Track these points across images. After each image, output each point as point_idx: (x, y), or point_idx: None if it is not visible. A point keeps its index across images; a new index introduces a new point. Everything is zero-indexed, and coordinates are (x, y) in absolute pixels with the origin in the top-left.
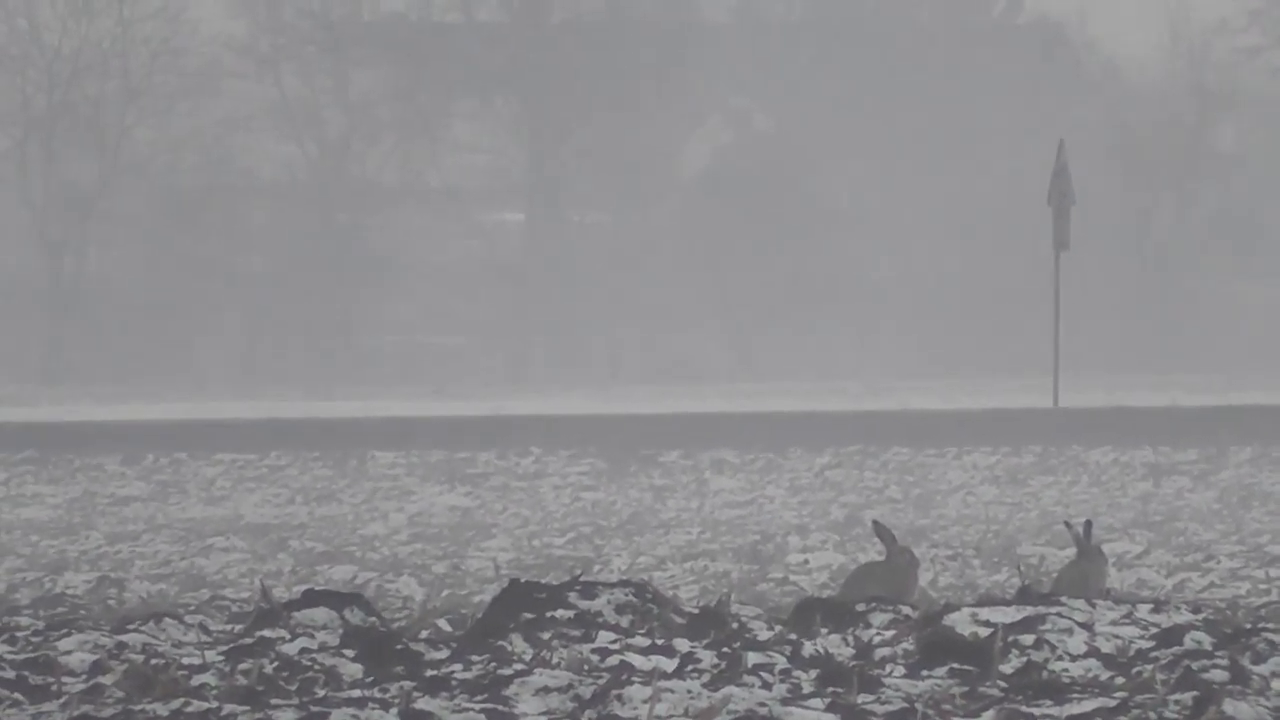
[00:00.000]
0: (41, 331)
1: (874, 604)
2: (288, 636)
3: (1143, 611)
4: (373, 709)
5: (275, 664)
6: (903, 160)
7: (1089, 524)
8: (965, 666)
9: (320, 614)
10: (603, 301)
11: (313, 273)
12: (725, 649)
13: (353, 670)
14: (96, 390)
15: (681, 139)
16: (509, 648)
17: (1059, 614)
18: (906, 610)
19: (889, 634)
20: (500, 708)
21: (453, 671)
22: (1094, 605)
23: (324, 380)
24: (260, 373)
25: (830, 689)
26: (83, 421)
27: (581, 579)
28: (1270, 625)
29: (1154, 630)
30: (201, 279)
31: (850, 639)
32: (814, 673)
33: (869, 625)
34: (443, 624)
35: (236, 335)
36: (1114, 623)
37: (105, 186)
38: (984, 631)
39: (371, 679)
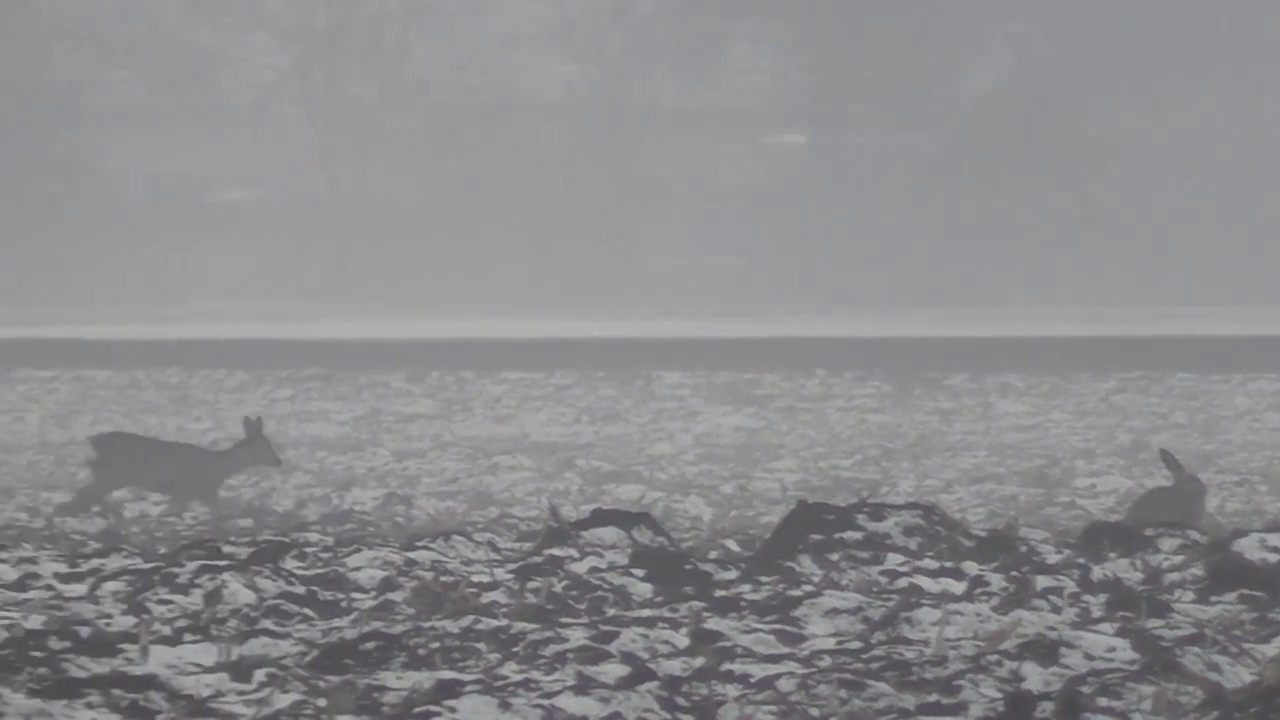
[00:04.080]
0: (323, 249)
1: (1162, 529)
2: (577, 555)
3: None
4: (662, 628)
5: (565, 583)
6: (1184, 84)
7: None
8: (1255, 592)
9: (609, 533)
10: (884, 223)
11: (595, 192)
12: (1014, 573)
13: (642, 590)
14: (380, 307)
15: (962, 64)
16: (797, 569)
17: None
18: (1195, 536)
19: (1178, 559)
20: (789, 629)
21: (742, 592)
22: None
23: (608, 300)
24: (546, 292)
25: (1119, 613)
26: (368, 339)
27: (869, 501)
28: None
29: None
30: (484, 197)
31: (1139, 564)
32: (1103, 597)
33: (1157, 550)
34: (731, 545)
35: (524, 254)
36: None
37: (385, 105)
38: (1273, 557)
39: (661, 599)
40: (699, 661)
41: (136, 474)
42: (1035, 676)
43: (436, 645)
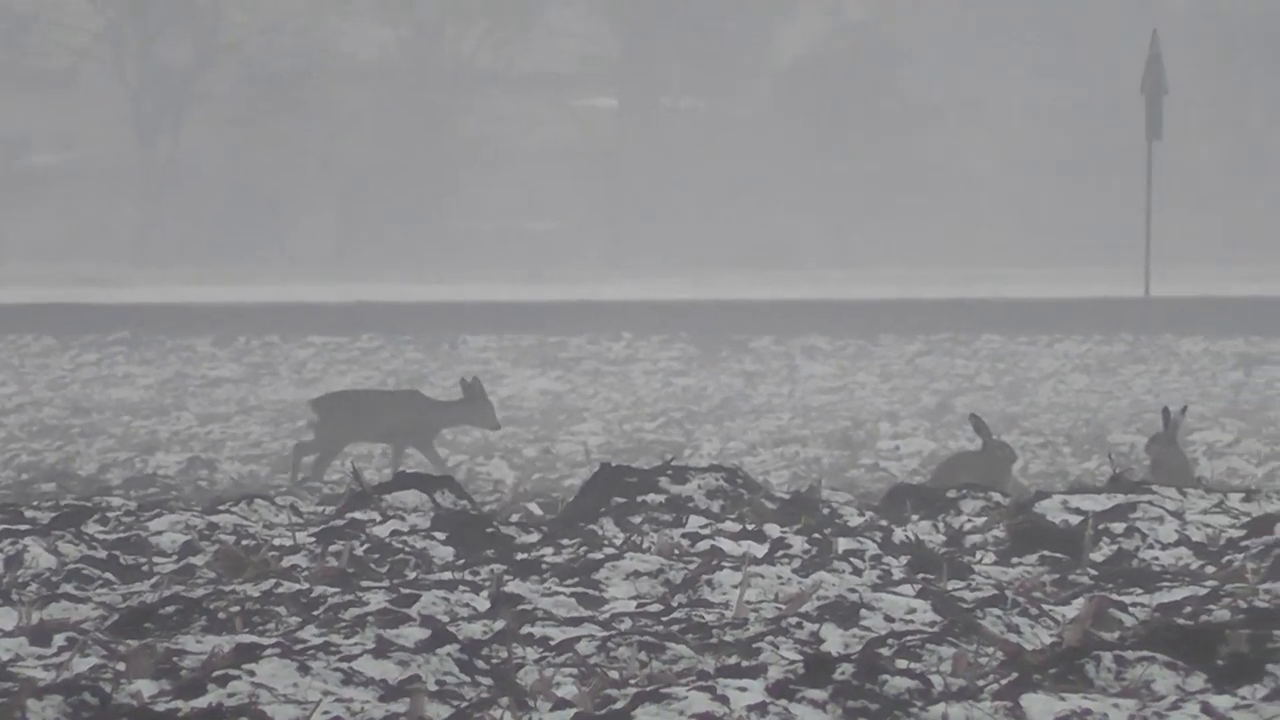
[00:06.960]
0: (134, 213)
1: (965, 491)
2: (379, 519)
3: (1234, 500)
4: (463, 592)
5: (366, 546)
6: (996, 48)
7: (1185, 410)
8: (1056, 554)
9: (411, 497)
10: (695, 187)
11: (406, 156)
12: (816, 535)
13: (443, 553)
14: (188, 272)
15: (774, 27)
16: (600, 532)
17: (1150, 502)
18: (997, 498)
19: (980, 521)
20: (591, 591)
21: (543, 555)
22: (1185, 494)
23: (416, 264)
24: (353, 256)
25: (921, 575)
26: (175, 303)
27: (672, 464)
28: None
29: (1245, 519)
30: (295, 162)
31: (941, 526)
32: (904, 559)
33: (960, 512)
34: (533, 508)
35: (329, 219)
36: (1205, 511)
37: (200, 68)
38: (1075, 519)
39: (462, 562)
40: (499, 624)
41: (359, 428)
42: (835, 638)
43: (237, 609)
